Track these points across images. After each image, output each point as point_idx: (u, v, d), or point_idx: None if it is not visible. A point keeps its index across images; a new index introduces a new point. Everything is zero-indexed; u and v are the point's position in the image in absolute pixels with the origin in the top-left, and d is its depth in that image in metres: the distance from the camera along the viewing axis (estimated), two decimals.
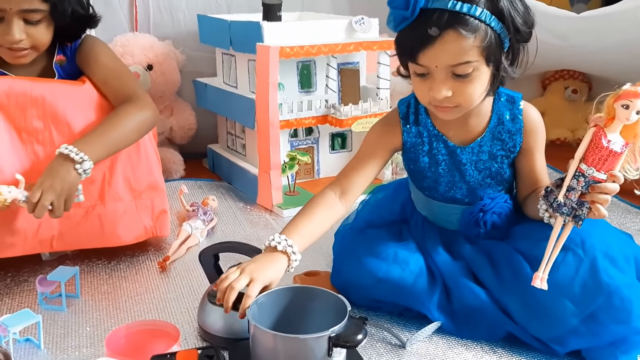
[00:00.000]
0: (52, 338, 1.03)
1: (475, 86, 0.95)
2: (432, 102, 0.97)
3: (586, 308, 0.93)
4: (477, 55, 0.92)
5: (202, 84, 1.85)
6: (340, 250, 1.16)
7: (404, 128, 1.08)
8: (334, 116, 1.65)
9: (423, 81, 0.96)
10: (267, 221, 1.53)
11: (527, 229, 1.05)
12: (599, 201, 0.87)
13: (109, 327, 1.06)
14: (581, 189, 0.88)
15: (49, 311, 1.10)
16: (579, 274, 0.94)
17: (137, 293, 1.17)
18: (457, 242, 1.10)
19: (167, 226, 1.32)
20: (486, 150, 1.05)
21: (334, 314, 0.88)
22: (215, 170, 1.90)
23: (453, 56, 0.91)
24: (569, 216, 0.90)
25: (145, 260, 1.30)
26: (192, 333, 1.04)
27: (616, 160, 0.86)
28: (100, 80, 1.24)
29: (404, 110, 1.09)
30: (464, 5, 0.89)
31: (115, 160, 1.22)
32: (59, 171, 1.09)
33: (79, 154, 1.10)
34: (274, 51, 1.50)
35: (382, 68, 1.68)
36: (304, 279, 1.19)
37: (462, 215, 1.08)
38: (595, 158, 0.87)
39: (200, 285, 1.19)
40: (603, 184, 0.87)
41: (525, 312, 0.98)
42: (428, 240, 1.11)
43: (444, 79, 0.93)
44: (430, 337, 1.03)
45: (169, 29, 1.90)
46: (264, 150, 1.58)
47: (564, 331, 0.95)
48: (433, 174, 1.08)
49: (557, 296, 0.93)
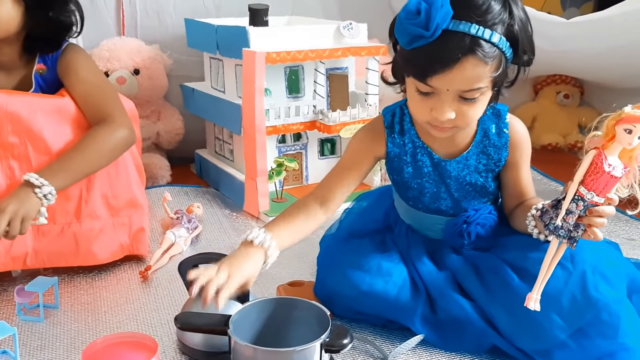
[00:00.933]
0: (28, 350, 1.01)
1: (477, 109, 0.93)
2: (432, 122, 0.94)
3: (574, 323, 0.92)
4: (488, 82, 0.90)
5: (190, 89, 1.83)
6: (324, 261, 1.14)
7: (388, 138, 1.05)
8: (322, 122, 1.64)
9: (425, 100, 0.92)
10: (253, 229, 1.50)
11: (513, 239, 1.03)
12: (595, 225, 0.86)
13: (87, 339, 1.04)
14: (579, 213, 0.86)
15: (26, 323, 1.08)
16: (567, 287, 0.93)
17: (117, 304, 1.15)
18: (442, 251, 1.08)
19: (144, 245, 1.30)
20: (472, 164, 1.04)
21: (314, 323, 0.87)
22: (202, 175, 1.89)
23: (468, 82, 0.88)
24: (564, 238, 0.89)
25: (127, 269, 1.28)
26: (170, 346, 1.02)
27: (614, 184, 0.85)
28: (79, 95, 1.21)
29: (389, 120, 1.06)
30: (485, 30, 0.86)
31: (93, 177, 1.20)
32: (18, 194, 1.08)
33: (39, 179, 1.09)
34: (259, 56, 1.48)
35: (370, 74, 1.67)
36: (288, 289, 1.17)
37: (446, 227, 1.07)
38: (596, 182, 0.85)
39: (180, 296, 1.17)
40: (601, 207, 0.85)
41: (511, 323, 0.96)
42: (412, 250, 1.09)
43: (451, 101, 0.91)
44: (414, 350, 1.02)
45: (156, 33, 1.88)
46: (250, 157, 1.56)
47: (551, 344, 0.94)
48: (417, 185, 1.07)
49: (545, 309, 0.91)
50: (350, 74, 1.74)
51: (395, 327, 1.06)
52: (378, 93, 1.70)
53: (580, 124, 2.25)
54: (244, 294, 0.99)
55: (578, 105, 2.27)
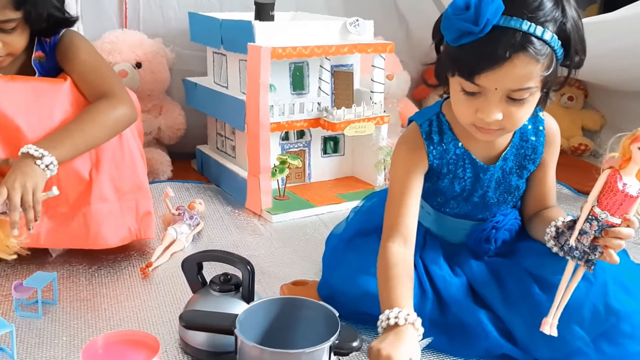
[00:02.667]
0: (26, 347, 0.98)
1: (526, 111, 0.90)
2: (478, 123, 0.90)
3: (595, 333, 0.90)
4: (538, 82, 0.87)
5: (192, 84, 1.81)
6: (329, 260, 1.12)
7: (428, 148, 1.00)
8: (326, 119, 1.61)
9: (471, 100, 0.89)
10: (255, 226, 1.49)
11: (532, 245, 1.01)
12: (612, 246, 0.84)
13: (86, 336, 1.01)
14: (594, 233, 0.85)
15: (24, 319, 1.06)
16: (589, 298, 0.91)
17: (118, 300, 1.13)
18: (460, 256, 1.06)
19: (152, 228, 1.28)
20: (510, 166, 1.01)
21: (322, 324, 0.85)
22: (203, 172, 1.86)
23: (518, 80, 0.85)
24: (580, 260, 0.87)
25: (128, 265, 1.26)
26: (172, 345, 1.00)
27: (631, 204, 0.83)
28: (78, 75, 1.21)
29: (427, 129, 1.01)
30: (537, 27, 0.83)
31: (101, 159, 1.19)
32: (20, 167, 1.07)
33: (38, 150, 1.08)
34: (265, 51, 1.45)
35: (376, 71, 1.65)
36: (292, 288, 1.15)
37: (472, 232, 1.04)
38: (610, 201, 0.83)
39: (183, 294, 1.15)
40: (617, 228, 0.83)
41: (530, 333, 0.94)
42: (428, 252, 1.07)
43: (498, 101, 0.87)
44: (422, 354, 0.99)
45: (159, 26, 1.85)
46: (253, 153, 1.53)
47: (569, 353, 0.92)
48: (451, 190, 1.03)
49: (567, 320, 0.89)
50: (355, 71, 1.72)
51: None
52: (383, 91, 1.68)
53: (584, 127, 2.24)
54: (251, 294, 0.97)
55: (582, 107, 2.26)
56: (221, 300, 0.97)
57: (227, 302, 0.96)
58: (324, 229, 1.48)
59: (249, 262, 0.97)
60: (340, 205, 1.60)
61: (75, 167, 1.18)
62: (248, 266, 0.96)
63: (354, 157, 1.80)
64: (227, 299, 0.97)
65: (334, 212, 1.58)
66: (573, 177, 1.76)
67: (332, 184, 1.75)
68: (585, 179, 1.83)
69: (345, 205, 1.60)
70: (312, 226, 1.49)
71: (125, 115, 1.21)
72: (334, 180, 1.77)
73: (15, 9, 1.10)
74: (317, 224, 1.51)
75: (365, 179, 1.76)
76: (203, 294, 0.99)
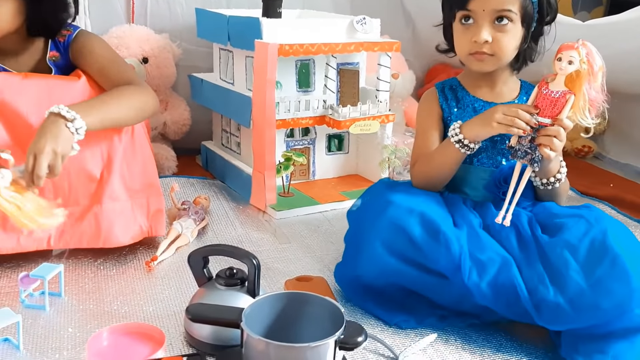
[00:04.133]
0: (31, 339, 0.99)
1: (510, 39, 1.08)
2: (473, 48, 1.09)
3: (590, 269, 0.93)
4: (517, 9, 1.07)
5: (198, 79, 1.81)
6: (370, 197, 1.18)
7: (440, 98, 1.19)
8: (331, 117, 1.62)
9: (466, 30, 1.10)
10: (260, 222, 1.49)
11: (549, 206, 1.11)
12: (543, 142, 1.00)
13: (92, 328, 1.02)
14: (529, 134, 1.01)
15: (30, 310, 1.06)
16: (587, 236, 0.97)
17: (123, 293, 1.13)
18: (483, 207, 1.12)
19: (162, 225, 1.29)
20: None
21: (327, 319, 0.85)
22: (208, 167, 1.87)
23: (500, 2, 1.06)
24: (523, 159, 1.02)
25: (133, 259, 1.26)
26: (177, 338, 1.00)
27: (558, 107, 0.99)
28: (96, 70, 1.22)
29: (440, 87, 1.21)
30: None
31: (113, 158, 1.20)
32: (50, 129, 1.04)
33: (70, 112, 1.06)
34: (272, 48, 1.46)
35: (382, 70, 1.65)
36: (296, 284, 1.16)
37: (492, 175, 1.12)
38: (538, 105, 1.01)
39: (188, 287, 1.15)
40: (548, 127, 1.00)
41: (540, 281, 0.96)
42: (451, 207, 1.12)
43: (487, 24, 1.07)
44: (425, 350, 1.00)
45: (166, 22, 1.86)
46: (259, 150, 1.54)
47: (568, 289, 0.93)
48: None
49: (561, 252, 0.96)
50: (361, 70, 1.72)
51: (408, 327, 1.05)
52: (389, 90, 1.68)
53: (587, 129, 2.24)
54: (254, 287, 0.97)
55: None
56: (227, 294, 0.97)
57: (233, 296, 0.97)
58: (327, 226, 1.48)
59: (255, 257, 0.97)
60: (344, 203, 1.60)
61: (86, 166, 1.18)
62: (254, 260, 0.96)
63: (358, 155, 1.80)
64: (233, 293, 0.98)
65: (338, 209, 1.58)
66: (577, 179, 1.76)
67: (336, 181, 1.75)
68: (589, 181, 1.83)
69: (349, 203, 1.59)
70: (316, 223, 1.50)
71: (150, 101, 1.23)
72: (337, 178, 1.78)
73: None
74: (321, 221, 1.51)
75: (369, 177, 1.76)
76: (209, 287, 1.00)
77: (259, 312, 0.87)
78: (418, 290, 1.06)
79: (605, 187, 1.82)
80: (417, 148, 1.21)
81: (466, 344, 1.02)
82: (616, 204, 1.68)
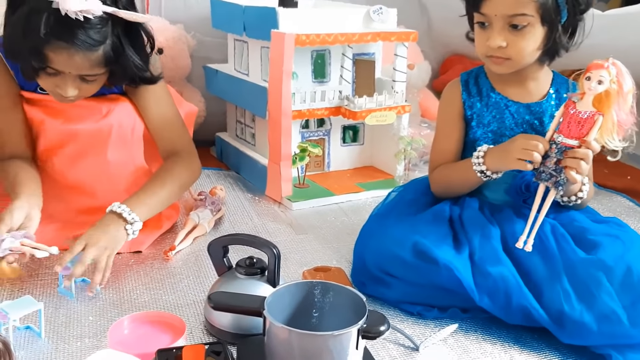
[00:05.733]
0: (53, 327, 0.99)
1: (527, 42, 1.03)
2: (488, 52, 1.06)
3: (624, 295, 0.91)
4: (534, 11, 1.01)
5: (213, 70, 1.81)
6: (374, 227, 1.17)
7: (463, 93, 1.15)
8: (347, 108, 1.61)
9: (483, 32, 1.07)
10: (276, 213, 1.49)
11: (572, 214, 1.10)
12: (570, 165, 0.96)
13: (112, 317, 1.02)
14: (555, 156, 0.98)
15: (51, 299, 1.07)
16: (623, 260, 0.95)
17: (142, 283, 1.14)
18: (502, 213, 1.10)
19: (178, 212, 1.34)
20: (548, 114, 1.11)
21: (349, 309, 0.85)
22: (223, 159, 1.86)
23: (510, 6, 1.01)
24: (547, 182, 0.99)
25: (150, 248, 1.26)
26: (197, 327, 1.00)
27: (586, 128, 0.96)
28: (153, 128, 1.26)
29: (465, 78, 1.17)
30: None
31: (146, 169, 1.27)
32: (109, 228, 1.09)
33: (132, 214, 1.11)
34: (289, 38, 1.45)
35: (398, 60, 1.64)
36: (314, 274, 1.15)
37: (514, 180, 1.10)
38: (565, 126, 0.98)
39: (206, 277, 1.16)
40: (574, 149, 0.96)
41: (563, 292, 0.95)
42: (467, 210, 1.11)
43: (500, 29, 1.03)
44: (445, 341, 1.00)
45: (180, 13, 1.85)
46: (275, 141, 1.53)
47: (599, 314, 0.91)
48: (495, 135, 1.12)
49: (595, 274, 0.94)
50: (377, 60, 1.71)
51: (430, 317, 1.04)
52: (405, 80, 1.67)
53: (614, 153, 2.21)
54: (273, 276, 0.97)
55: None
56: (247, 283, 0.97)
57: (253, 285, 0.97)
58: (344, 217, 1.48)
59: (275, 246, 0.97)
60: (359, 194, 1.59)
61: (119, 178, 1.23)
62: (274, 250, 0.96)
63: (373, 147, 1.79)
64: (253, 282, 0.98)
65: (353, 201, 1.57)
66: (594, 172, 1.74)
67: (351, 173, 1.75)
68: (606, 174, 1.81)
69: (365, 194, 1.60)
70: (332, 214, 1.49)
71: (195, 174, 1.31)
72: (352, 169, 1.77)
73: (106, 64, 1.10)
74: (337, 212, 1.51)
75: (384, 169, 1.75)
76: (229, 277, 1.00)
77: (280, 300, 0.87)
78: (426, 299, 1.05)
79: (622, 179, 1.80)
80: (436, 150, 1.19)
81: (487, 334, 1.02)
82: (633, 196, 1.67)
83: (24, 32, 1.03)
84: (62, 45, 1.03)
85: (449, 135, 1.16)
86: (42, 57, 1.05)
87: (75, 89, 1.12)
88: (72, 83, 1.10)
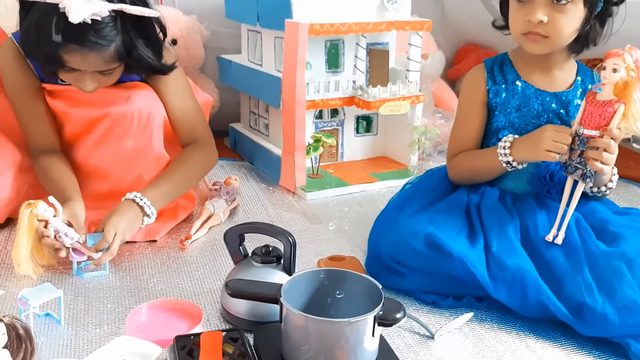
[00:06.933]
0: (72, 314, 1.01)
1: (568, 21, 1.02)
2: (527, 28, 1.03)
3: None
4: None
5: (227, 61, 1.81)
6: None
7: (489, 80, 1.13)
8: (361, 98, 1.61)
9: (522, 8, 1.04)
10: (290, 203, 1.50)
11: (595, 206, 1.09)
12: (592, 156, 0.96)
13: (130, 304, 1.03)
14: (578, 148, 0.98)
15: (70, 286, 1.08)
16: None
17: (159, 271, 1.15)
18: (523, 203, 1.09)
19: (194, 202, 1.35)
20: (574, 104, 1.09)
21: (365, 296, 0.86)
22: (236, 149, 1.87)
23: None
24: (573, 174, 0.99)
25: (166, 237, 1.28)
26: (214, 314, 1.01)
27: (606, 117, 0.95)
28: (173, 117, 1.28)
29: (490, 64, 1.15)
30: None
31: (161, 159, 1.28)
32: (128, 215, 1.13)
33: (151, 208, 1.15)
34: (303, 28, 1.45)
35: (412, 49, 1.63)
36: (329, 263, 1.16)
37: (537, 169, 1.09)
38: (586, 118, 0.98)
39: (222, 265, 1.17)
40: (595, 138, 0.96)
41: (585, 283, 0.94)
42: (486, 200, 1.10)
43: (544, 3, 1.01)
44: (460, 329, 1.00)
45: (194, 3, 1.85)
46: (288, 131, 1.54)
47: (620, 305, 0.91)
48: (520, 123, 1.11)
49: (616, 266, 0.94)
50: (391, 50, 1.70)
51: (445, 306, 1.05)
52: (419, 70, 1.67)
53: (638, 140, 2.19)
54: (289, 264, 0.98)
55: None
56: (263, 271, 0.98)
57: (269, 272, 0.98)
58: (358, 207, 1.48)
59: (291, 235, 0.98)
60: (373, 184, 1.59)
61: None
62: (290, 238, 0.97)
63: (387, 137, 1.79)
64: (269, 270, 0.98)
65: (367, 191, 1.58)
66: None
67: (365, 163, 1.75)
68: (622, 163, 1.79)
69: (379, 184, 1.60)
70: (347, 204, 1.49)
71: (211, 162, 1.34)
72: (366, 159, 1.77)
73: (119, 60, 1.13)
74: (351, 202, 1.51)
75: (397, 159, 1.75)
76: (245, 265, 1.00)
77: (296, 288, 0.87)
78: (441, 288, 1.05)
79: (638, 169, 1.79)
80: (456, 137, 1.18)
81: (502, 323, 1.02)
82: None
83: (37, 37, 1.07)
84: (75, 47, 1.06)
85: (471, 122, 1.15)
86: (57, 59, 1.08)
87: (95, 82, 1.15)
88: (90, 78, 1.14)
